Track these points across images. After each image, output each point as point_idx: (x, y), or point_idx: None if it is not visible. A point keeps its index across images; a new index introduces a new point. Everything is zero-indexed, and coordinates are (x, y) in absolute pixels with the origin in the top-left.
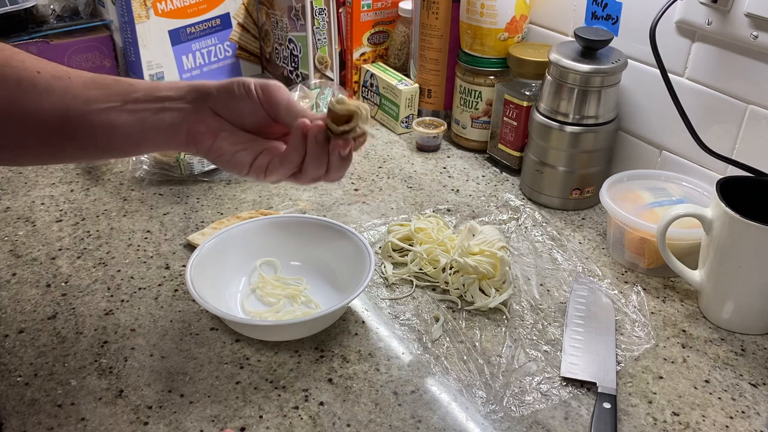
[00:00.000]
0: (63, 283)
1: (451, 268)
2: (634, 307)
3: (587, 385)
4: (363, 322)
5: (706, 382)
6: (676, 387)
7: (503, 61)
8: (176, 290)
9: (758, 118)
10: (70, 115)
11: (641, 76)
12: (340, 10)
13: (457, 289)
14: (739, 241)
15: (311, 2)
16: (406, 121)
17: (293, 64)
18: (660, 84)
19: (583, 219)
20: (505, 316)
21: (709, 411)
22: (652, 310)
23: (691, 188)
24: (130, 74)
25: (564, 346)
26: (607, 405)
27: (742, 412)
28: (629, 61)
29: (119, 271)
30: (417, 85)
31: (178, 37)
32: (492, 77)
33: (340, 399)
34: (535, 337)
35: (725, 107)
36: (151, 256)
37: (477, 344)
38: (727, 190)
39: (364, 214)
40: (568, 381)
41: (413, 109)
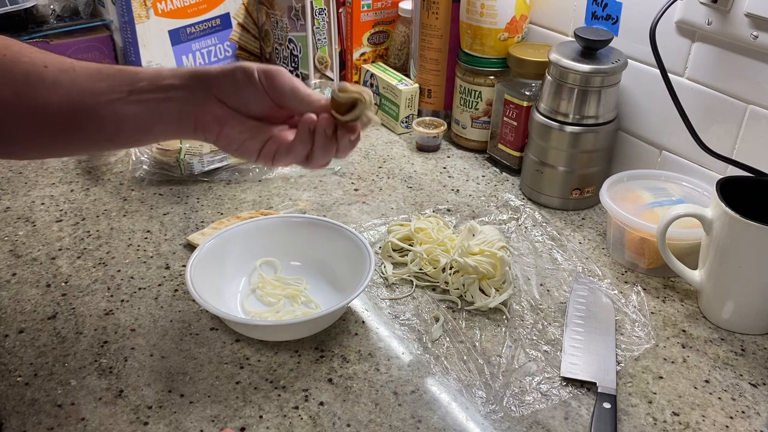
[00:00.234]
0: (63, 283)
1: (451, 268)
2: (634, 307)
3: (587, 385)
4: (363, 322)
5: (706, 382)
6: (676, 387)
7: (503, 61)
8: (176, 290)
9: (758, 118)
10: (78, 108)
11: (641, 76)
12: (340, 10)
13: (457, 289)
14: (739, 241)
15: (311, 2)
16: (406, 121)
17: (293, 64)
18: (660, 84)
19: (583, 219)
20: (505, 316)
21: (709, 411)
22: (652, 310)
23: (691, 188)
24: None
25: (564, 346)
26: (607, 405)
27: (742, 412)
28: (629, 61)
29: (119, 271)
30: (417, 85)
31: (178, 37)
32: (492, 77)
33: (340, 399)
34: (535, 337)
35: (725, 107)
36: (151, 256)
37: (477, 344)
38: (727, 190)
39: (364, 214)
40: (568, 381)
41: (413, 109)
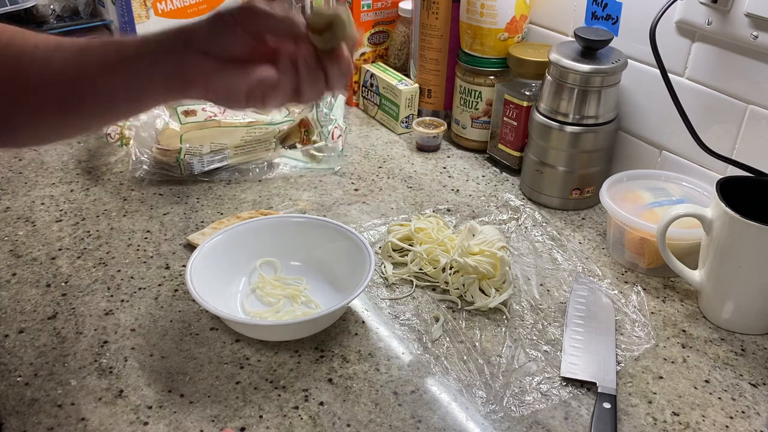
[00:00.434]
0: (63, 283)
1: (451, 268)
2: (634, 307)
3: (587, 385)
4: (363, 322)
5: (706, 382)
6: (676, 387)
7: (503, 61)
8: (176, 290)
9: (758, 118)
10: (71, 84)
11: (641, 76)
12: None
13: (457, 289)
14: (739, 241)
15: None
16: (406, 121)
17: None
18: (660, 84)
19: (583, 219)
20: (505, 316)
21: (709, 411)
22: (652, 310)
23: (691, 188)
24: None
25: (564, 346)
26: (607, 405)
27: (742, 412)
28: (629, 61)
29: (119, 271)
30: (417, 85)
31: None
32: (492, 77)
33: (340, 399)
34: (535, 337)
35: (725, 107)
36: (151, 256)
37: (477, 344)
38: (727, 190)
39: (364, 214)
40: (568, 381)
41: (413, 109)
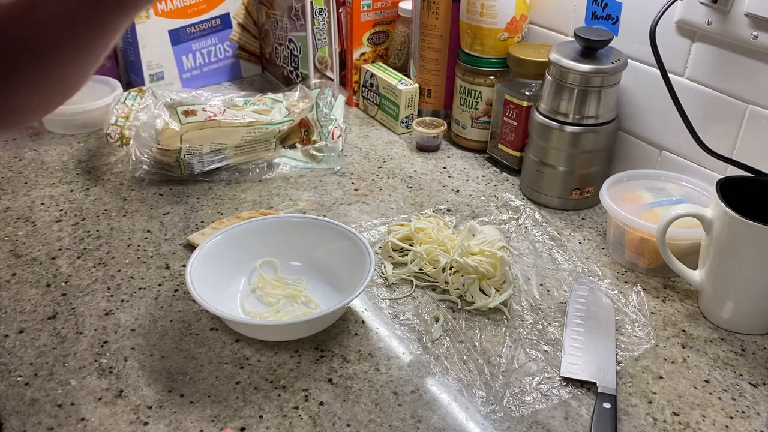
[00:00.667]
0: (63, 283)
1: (451, 268)
2: (634, 307)
3: (587, 385)
4: (363, 322)
5: (706, 382)
6: (676, 387)
7: (503, 61)
8: (176, 290)
9: (758, 118)
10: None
11: (641, 76)
12: (340, 10)
13: (457, 289)
14: (739, 241)
15: (311, 2)
16: (406, 121)
17: (293, 64)
18: (660, 84)
19: (583, 219)
20: (505, 316)
21: (709, 411)
22: (652, 310)
23: (691, 188)
24: (130, 74)
25: (564, 346)
26: (607, 405)
27: (742, 412)
28: (629, 61)
29: (119, 271)
30: (417, 85)
31: (178, 37)
32: (492, 77)
33: (340, 399)
34: (535, 337)
35: (725, 107)
36: (151, 256)
37: (477, 344)
38: (727, 190)
39: (364, 214)
40: (568, 381)
41: (413, 109)
